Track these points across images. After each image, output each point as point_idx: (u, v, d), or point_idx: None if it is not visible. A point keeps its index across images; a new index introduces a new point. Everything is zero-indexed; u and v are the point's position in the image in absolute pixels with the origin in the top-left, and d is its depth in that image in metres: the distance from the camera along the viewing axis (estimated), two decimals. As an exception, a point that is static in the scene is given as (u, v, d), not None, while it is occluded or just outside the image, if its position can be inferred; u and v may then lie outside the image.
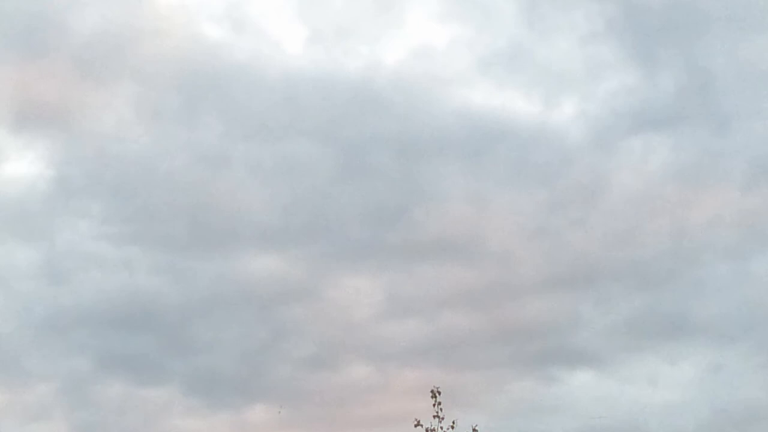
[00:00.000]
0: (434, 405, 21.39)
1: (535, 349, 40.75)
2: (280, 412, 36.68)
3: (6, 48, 44.24)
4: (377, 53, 45.57)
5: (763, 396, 36.50)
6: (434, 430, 21.37)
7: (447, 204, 43.55)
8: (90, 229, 42.32)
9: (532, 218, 43.18)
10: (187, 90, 44.79)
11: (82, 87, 44.56)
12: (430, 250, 42.60)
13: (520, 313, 41.38)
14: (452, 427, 21.43)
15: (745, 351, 38.66)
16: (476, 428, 21.26)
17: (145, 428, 37.68)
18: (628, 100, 44.17)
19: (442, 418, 21.41)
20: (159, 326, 40.91)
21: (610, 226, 42.91)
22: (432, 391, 21.42)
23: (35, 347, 39.82)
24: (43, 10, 44.07)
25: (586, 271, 42.27)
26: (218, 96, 44.92)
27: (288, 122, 44.33)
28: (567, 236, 42.63)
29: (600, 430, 34.27)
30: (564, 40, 45.55)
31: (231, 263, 42.61)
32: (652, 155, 43.74)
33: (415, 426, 21.38)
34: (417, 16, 47.15)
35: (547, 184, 43.75)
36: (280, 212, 43.38)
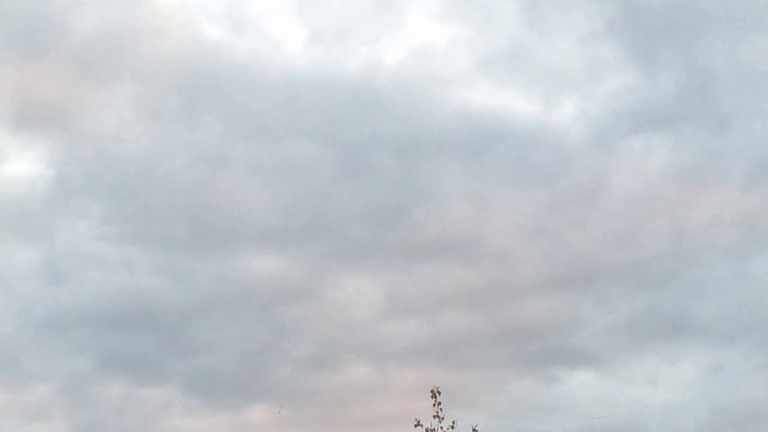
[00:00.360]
0: (434, 405, 21.39)
1: (535, 349, 40.81)
2: (280, 412, 36.72)
3: (6, 48, 44.31)
4: (377, 53, 45.65)
5: (763, 396, 36.52)
6: (434, 430, 21.37)
7: (447, 204, 43.59)
8: (90, 229, 42.37)
9: (532, 218, 43.23)
10: (187, 90, 44.87)
11: (82, 87, 44.61)
12: (430, 250, 42.65)
13: (520, 313, 41.42)
14: (452, 427, 21.42)
15: (745, 351, 38.71)
16: (476, 428, 21.27)
17: (145, 428, 37.72)
18: (628, 100, 44.23)
19: (442, 418, 21.42)
20: (159, 326, 40.96)
21: (610, 226, 42.96)
22: (432, 391, 21.42)
23: (35, 347, 39.86)
24: (43, 10, 44.13)
25: (586, 271, 42.32)
26: (218, 96, 44.99)
27: (288, 122, 44.38)
28: (567, 236, 42.68)
29: (600, 430, 34.31)
30: (564, 40, 45.61)
31: (231, 263, 42.68)
32: (652, 155, 43.80)
33: (415, 426, 21.38)
34: (417, 16, 47.23)
35: (547, 184, 43.82)
36: (280, 212, 43.45)
